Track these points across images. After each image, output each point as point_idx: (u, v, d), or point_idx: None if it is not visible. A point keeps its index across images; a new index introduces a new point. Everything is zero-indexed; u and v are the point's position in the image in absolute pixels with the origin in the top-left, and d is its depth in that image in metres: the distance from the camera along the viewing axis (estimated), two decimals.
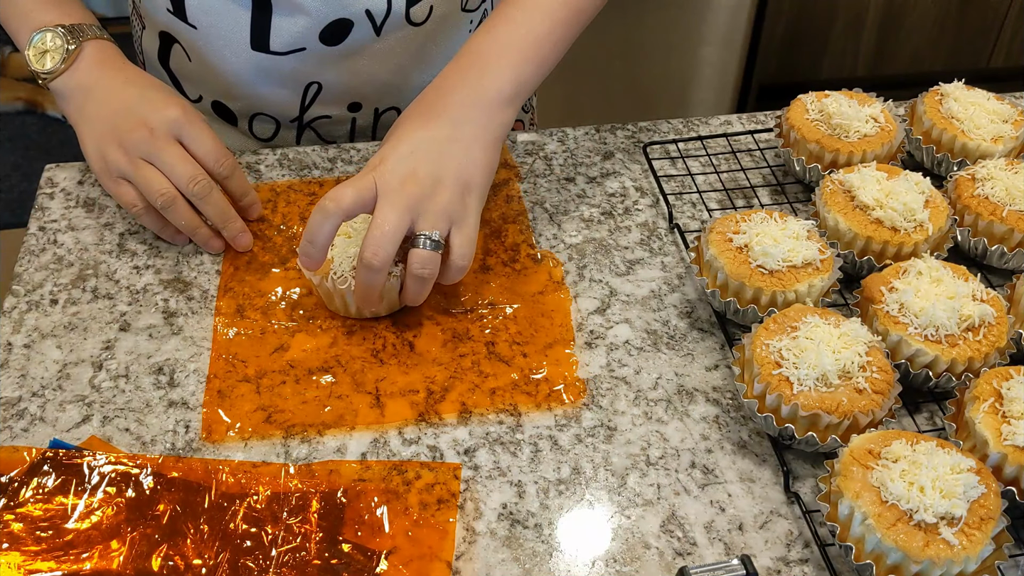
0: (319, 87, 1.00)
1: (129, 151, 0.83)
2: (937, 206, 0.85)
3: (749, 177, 0.98)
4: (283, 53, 0.96)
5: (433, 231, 0.77)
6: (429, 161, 0.79)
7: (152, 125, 0.83)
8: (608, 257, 0.90)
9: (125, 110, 0.84)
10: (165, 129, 0.83)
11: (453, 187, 0.78)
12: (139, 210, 0.85)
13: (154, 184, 0.83)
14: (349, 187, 0.76)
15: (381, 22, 0.96)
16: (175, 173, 0.83)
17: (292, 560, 0.65)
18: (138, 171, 0.83)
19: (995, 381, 0.71)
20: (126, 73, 0.88)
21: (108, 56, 0.88)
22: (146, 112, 0.84)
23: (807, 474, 0.74)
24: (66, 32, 0.86)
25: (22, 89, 2.53)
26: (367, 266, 0.75)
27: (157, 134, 0.83)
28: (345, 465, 0.71)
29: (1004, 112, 0.94)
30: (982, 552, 0.63)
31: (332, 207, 0.75)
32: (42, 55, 0.86)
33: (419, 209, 0.77)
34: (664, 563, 0.68)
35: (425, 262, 0.77)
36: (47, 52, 0.86)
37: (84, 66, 0.86)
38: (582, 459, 0.74)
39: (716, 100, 2.35)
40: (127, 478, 0.69)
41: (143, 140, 0.83)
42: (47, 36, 0.86)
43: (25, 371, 0.78)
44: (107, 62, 0.87)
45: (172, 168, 0.83)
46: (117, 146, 0.83)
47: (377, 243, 0.75)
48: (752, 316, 0.80)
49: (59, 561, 0.65)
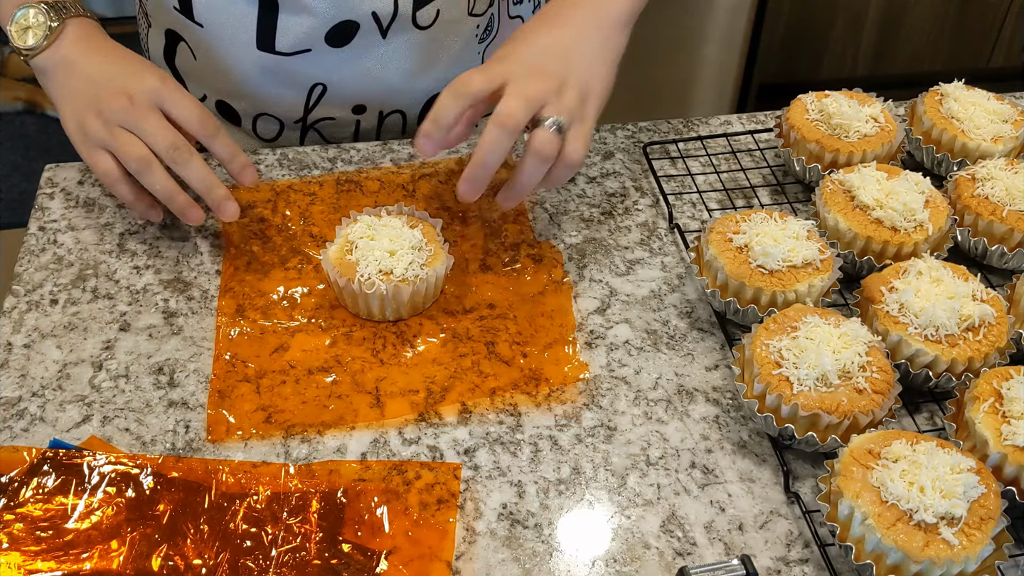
0: (324, 89, 1.00)
1: (108, 120, 0.82)
2: (937, 206, 0.85)
3: (749, 177, 0.98)
4: (288, 54, 0.96)
5: (559, 117, 0.78)
6: (556, 60, 0.80)
7: (131, 93, 0.82)
8: (608, 257, 0.90)
9: (105, 81, 0.84)
10: (145, 98, 0.82)
11: (577, 88, 0.80)
12: (114, 178, 0.83)
13: (131, 148, 0.81)
14: (479, 73, 0.78)
15: (387, 24, 0.95)
16: (154, 139, 0.81)
17: (292, 560, 0.65)
18: (116, 138, 0.82)
19: (995, 381, 0.71)
20: (107, 49, 0.87)
21: (90, 33, 0.87)
22: (125, 82, 0.83)
23: (807, 474, 0.74)
24: (49, 8, 0.86)
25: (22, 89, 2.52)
26: (501, 124, 0.76)
27: (137, 102, 0.82)
28: (345, 465, 0.71)
29: (1004, 112, 0.94)
30: (982, 552, 0.63)
31: (462, 89, 0.77)
32: (24, 31, 0.86)
33: (545, 100, 0.78)
34: (664, 563, 0.68)
35: (547, 142, 0.77)
36: (29, 28, 0.86)
37: (66, 43, 0.86)
38: (582, 459, 0.74)
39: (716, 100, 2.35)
40: (127, 478, 0.69)
41: (122, 109, 0.82)
42: (29, 13, 0.86)
43: (25, 371, 0.78)
44: (89, 38, 0.87)
45: (151, 135, 0.81)
46: (96, 115, 0.82)
47: (512, 108, 0.76)
48: (752, 316, 0.80)
49: (59, 561, 0.65)
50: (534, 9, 1.10)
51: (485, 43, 1.04)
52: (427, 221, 0.85)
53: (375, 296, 0.79)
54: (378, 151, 0.99)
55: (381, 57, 0.98)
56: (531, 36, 0.83)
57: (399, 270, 0.79)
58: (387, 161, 0.98)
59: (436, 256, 0.82)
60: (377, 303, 0.80)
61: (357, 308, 0.82)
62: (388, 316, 0.82)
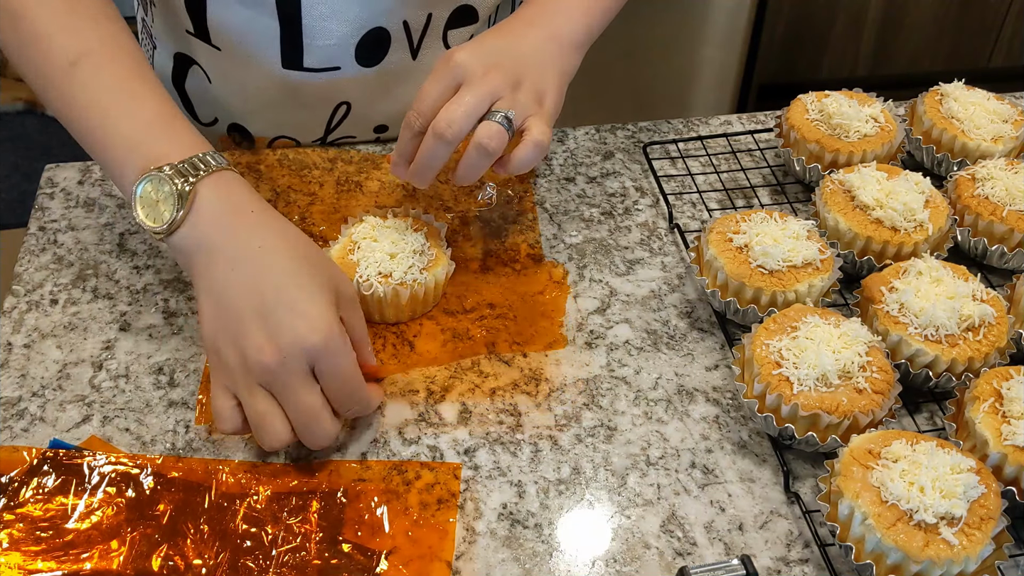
0: (348, 108, 0.98)
1: (248, 371, 0.68)
2: (937, 206, 0.85)
3: (749, 177, 0.98)
4: (316, 70, 0.93)
5: (509, 111, 0.76)
6: (511, 61, 0.78)
7: (284, 352, 0.67)
8: (608, 257, 0.90)
9: (256, 310, 0.68)
10: (299, 360, 0.67)
11: (532, 90, 0.78)
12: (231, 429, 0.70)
13: (268, 431, 0.69)
14: (434, 83, 0.76)
15: (419, 40, 0.94)
16: (297, 421, 0.69)
17: (292, 560, 0.65)
18: (254, 403, 0.68)
19: (995, 381, 0.71)
20: (258, 234, 0.71)
21: (233, 203, 0.72)
22: (282, 327, 0.67)
23: (807, 474, 0.74)
24: (174, 174, 0.70)
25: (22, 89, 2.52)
26: (439, 135, 0.74)
27: (288, 366, 0.67)
28: (345, 465, 0.71)
29: (1004, 112, 0.94)
30: (982, 552, 0.63)
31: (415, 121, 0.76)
32: (151, 209, 0.70)
33: (499, 94, 0.76)
34: (664, 563, 0.68)
35: (493, 134, 0.75)
36: (157, 204, 0.70)
37: (204, 217, 0.70)
38: (582, 459, 0.74)
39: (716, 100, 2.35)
40: (127, 478, 0.69)
41: (270, 371, 0.67)
42: (149, 187, 0.70)
43: (25, 371, 0.78)
44: (234, 211, 0.71)
45: (295, 415, 0.69)
46: (237, 353, 0.68)
47: (453, 115, 0.74)
48: (752, 316, 0.80)
49: (59, 561, 0.65)
50: None
51: None
52: (432, 224, 0.85)
53: (373, 298, 0.79)
54: (378, 151, 0.99)
55: (410, 77, 0.96)
56: (487, 39, 0.81)
57: (398, 273, 0.79)
58: (387, 162, 0.98)
59: (437, 261, 0.82)
60: (375, 305, 0.80)
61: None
62: (387, 319, 0.82)
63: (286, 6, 0.88)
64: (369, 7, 0.89)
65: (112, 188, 0.94)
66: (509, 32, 0.83)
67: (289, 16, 0.89)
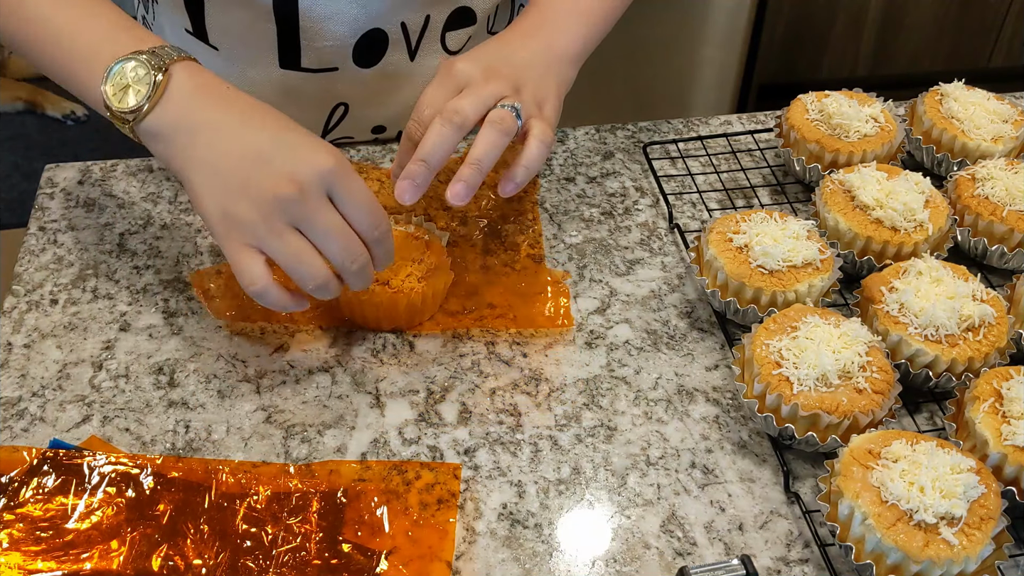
0: (345, 109, 0.97)
1: (269, 213, 0.67)
2: (937, 206, 0.85)
3: (749, 177, 0.98)
4: (314, 71, 0.93)
5: (516, 103, 0.76)
6: (510, 68, 0.78)
7: (301, 180, 0.67)
8: (608, 257, 0.90)
9: (258, 158, 0.68)
10: (317, 186, 0.67)
11: (531, 95, 0.78)
12: (263, 286, 0.69)
13: (307, 267, 0.68)
14: (436, 88, 0.76)
15: (416, 42, 0.93)
16: (329, 248, 0.68)
17: (292, 560, 0.65)
18: (285, 244, 0.67)
19: (995, 381, 0.71)
20: (237, 105, 0.71)
21: (205, 81, 0.72)
22: (291, 162, 0.67)
23: (807, 474, 0.74)
24: (148, 58, 0.70)
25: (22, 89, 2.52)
26: (446, 119, 0.73)
27: (308, 193, 0.67)
28: (345, 465, 0.71)
29: (1004, 112, 0.94)
30: (982, 552, 0.63)
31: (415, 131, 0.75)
32: (123, 91, 0.70)
33: (501, 96, 0.76)
34: (664, 563, 0.68)
35: (504, 116, 0.74)
36: (128, 87, 0.70)
37: (178, 97, 0.70)
38: (582, 459, 0.74)
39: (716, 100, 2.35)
40: (127, 478, 0.69)
41: (292, 201, 0.66)
42: (127, 67, 0.70)
43: (25, 371, 0.78)
44: (207, 89, 0.71)
45: (325, 240, 0.68)
46: (250, 203, 0.67)
47: (458, 106, 0.73)
48: (752, 316, 0.80)
49: (59, 561, 0.65)
50: None
51: None
52: (434, 233, 0.85)
53: (370, 305, 0.79)
54: (378, 151, 0.99)
55: (408, 79, 0.96)
56: (484, 49, 0.81)
57: (396, 281, 0.79)
58: (387, 161, 0.98)
59: (437, 269, 0.81)
60: (372, 312, 0.80)
61: (353, 315, 0.82)
62: (383, 326, 0.82)
63: (283, 7, 0.88)
64: (367, 9, 0.89)
65: (112, 188, 0.94)
66: (506, 43, 0.82)
67: (286, 17, 0.89)
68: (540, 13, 0.85)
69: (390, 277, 0.79)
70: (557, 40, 0.83)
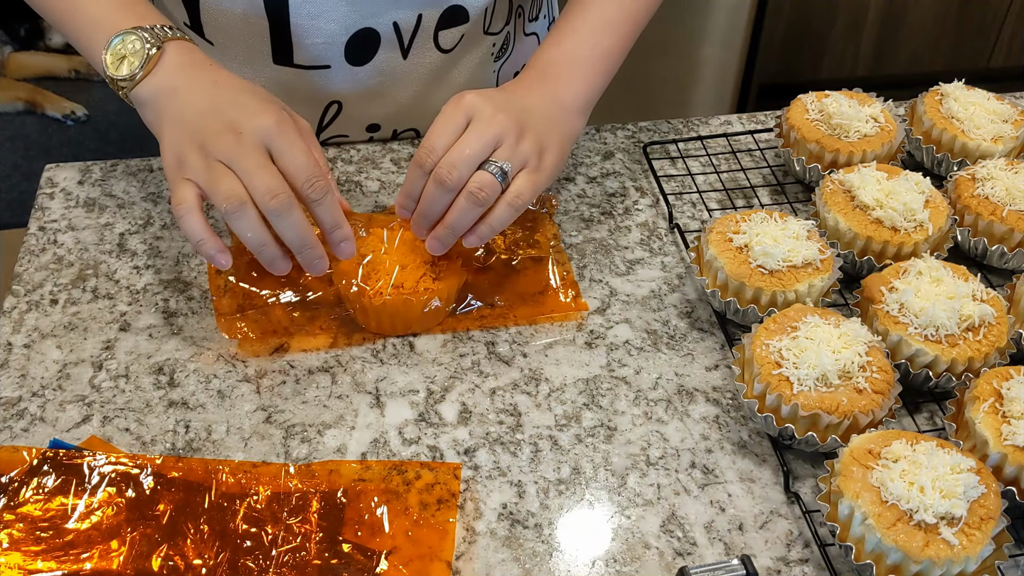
0: (339, 107, 0.98)
1: (208, 153, 0.73)
2: (937, 206, 0.85)
3: (749, 177, 0.98)
4: (307, 67, 0.93)
5: (505, 163, 0.77)
6: (518, 110, 0.80)
7: (241, 130, 0.73)
8: (608, 257, 0.90)
9: (212, 111, 0.75)
10: (255, 137, 0.73)
11: (535, 141, 0.79)
12: (187, 207, 0.73)
13: (225, 184, 0.72)
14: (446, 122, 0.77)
15: (409, 41, 0.94)
16: (253, 182, 0.72)
17: (292, 560, 0.65)
18: (211, 170, 0.73)
19: (995, 381, 0.71)
20: (215, 74, 0.79)
21: (194, 58, 0.79)
22: (237, 116, 0.74)
23: (807, 474, 0.74)
24: (146, 34, 0.78)
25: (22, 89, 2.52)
26: (440, 182, 0.75)
27: (244, 141, 0.73)
28: (345, 465, 0.71)
29: (1004, 112, 0.94)
30: (982, 552, 0.63)
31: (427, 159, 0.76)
32: (119, 61, 0.78)
33: (502, 139, 0.77)
34: (664, 563, 0.68)
35: (484, 184, 0.76)
36: (125, 58, 0.77)
37: (167, 69, 0.78)
38: (582, 459, 0.74)
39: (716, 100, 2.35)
40: (127, 478, 0.69)
41: (227, 144, 0.73)
42: (126, 40, 0.78)
43: (25, 371, 0.78)
44: (194, 64, 0.79)
45: (250, 175, 0.72)
46: (197, 148, 0.74)
47: (454, 162, 0.75)
48: (752, 316, 0.80)
49: (59, 561, 0.65)
50: (548, 26, 1.10)
51: (501, 61, 1.03)
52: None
53: (385, 310, 0.79)
54: (378, 151, 0.99)
55: (401, 77, 0.96)
56: (494, 92, 0.82)
57: (411, 284, 0.79)
58: (387, 161, 0.98)
59: (449, 269, 0.81)
60: (387, 317, 0.80)
61: (368, 321, 0.81)
62: (398, 330, 0.81)
63: (274, 3, 0.88)
64: (357, 8, 0.90)
65: (112, 188, 0.94)
66: (514, 92, 0.83)
67: (277, 14, 0.90)
68: (546, 65, 0.86)
69: (405, 282, 0.79)
70: (562, 94, 0.85)
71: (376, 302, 0.78)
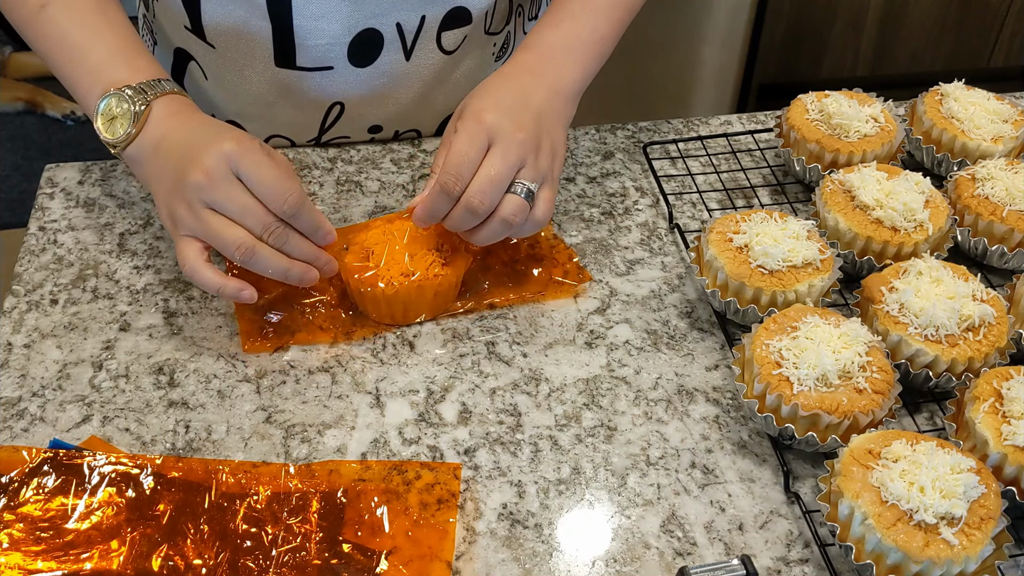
0: (341, 109, 0.98)
1: (191, 202, 0.75)
2: (937, 206, 0.85)
3: (749, 177, 0.98)
4: (309, 69, 0.93)
5: (533, 183, 0.78)
6: (531, 117, 0.80)
7: (207, 166, 0.74)
8: (608, 257, 0.90)
9: (183, 155, 0.76)
10: (222, 169, 0.74)
11: (549, 149, 0.81)
12: (193, 267, 0.75)
13: (226, 237, 0.74)
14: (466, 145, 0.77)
15: (412, 42, 0.94)
16: (247, 222, 0.75)
17: (292, 560, 0.65)
18: (204, 224, 0.75)
19: (995, 381, 0.71)
20: (192, 120, 0.80)
21: (179, 108, 0.81)
22: (199, 152, 0.75)
23: (807, 474, 0.74)
24: (134, 93, 0.79)
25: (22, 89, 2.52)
26: (472, 210, 0.76)
27: (214, 176, 0.74)
28: (345, 465, 0.71)
29: (1004, 112, 0.94)
30: (982, 552, 0.63)
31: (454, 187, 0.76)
32: (111, 123, 0.79)
33: (524, 160, 0.78)
34: (664, 563, 0.68)
35: (518, 209, 0.77)
36: (115, 119, 0.79)
37: (152, 126, 0.79)
38: (582, 459, 0.74)
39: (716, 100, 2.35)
40: (127, 478, 0.69)
41: (200, 186, 0.74)
42: (112, 102, 0.79)
43: (25, 371, 0.78)
44: (177, 114, 0.80)
45: (241, 215, 0.74)
46: (181, 201, 0.75)
47: (485, 189, 0.76)
48: (752, 316, 0.80)
49: (59, 561, 0.65)
50: None
51: (501, 61, 1.03)
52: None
53: (398, 298, 0.79)
54: (378, 151, 0.99)
55: (403, 78, 0.96)
56: (501, 93, 0.82)
57: (421, 271, 0.80)
58: (387, 161, 0.98)
59: (455, 252, 0.82)
60: (399, 305, 0.80)
61: (379, 312, 0.82)
62: (410, 318, 0.82)
63: (277, 4, 0.88)
64: (360, 8, 0.90)
65: (112, 188, 0.94)
66: (517, 84, 0.83)
67: (280, 15, 0.89)
68: (545, 48, 0.86)
69: (415, 269, 0.79)
70: (558, 79, 0.85)
71: (388, 291, 0.79)
